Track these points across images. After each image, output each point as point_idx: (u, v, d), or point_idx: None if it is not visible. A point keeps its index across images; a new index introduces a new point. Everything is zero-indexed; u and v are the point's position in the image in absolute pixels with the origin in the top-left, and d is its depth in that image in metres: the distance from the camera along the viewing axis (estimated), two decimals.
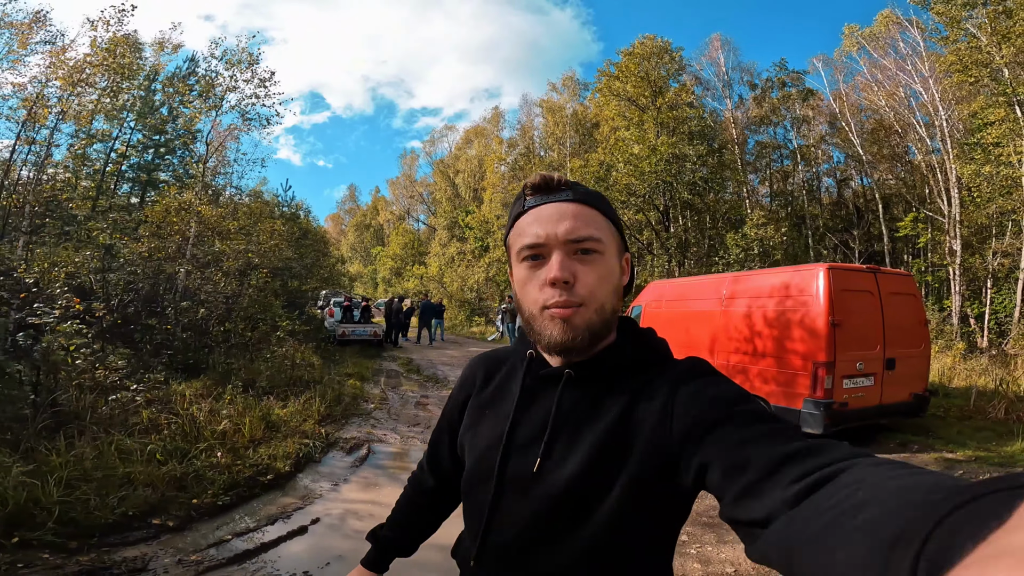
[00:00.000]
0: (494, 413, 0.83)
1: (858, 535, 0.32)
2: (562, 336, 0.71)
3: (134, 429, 3.65)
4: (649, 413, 0.69)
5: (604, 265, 0.74)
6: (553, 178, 0.76)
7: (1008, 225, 15.80)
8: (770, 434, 0.55)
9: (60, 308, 4.75)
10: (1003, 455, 5.78)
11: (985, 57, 15.70)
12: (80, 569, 2.50)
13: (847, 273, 5.96)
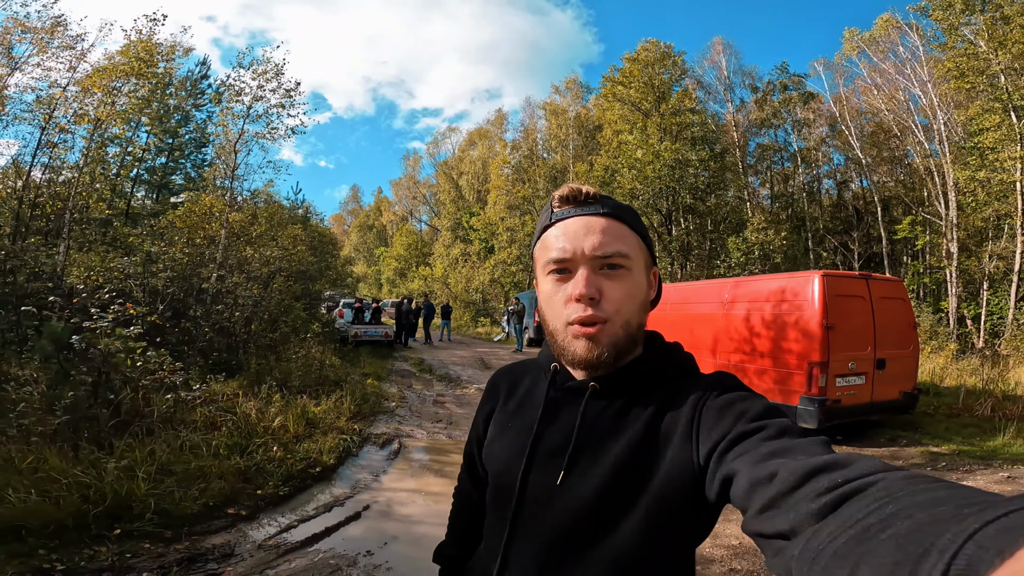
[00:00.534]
0: (518, 425, 0.82)
1: (885, 549, 0.32)
2: (587, 354, 0.71)
3: (194, 427, 4.06)
4: (675, 427, 0.69)
5: (631, 281, 0.74)
6: (582, 190, 0.75)
7: (1004, 228, 16.13)
8: (797, 447, 0.54)
9: (112, 313, 5.18)
10: (985, 449, 6.18)
11: (982, 64, 15.98)
12: (180, 557, 2.80)
13: (840, 279, 6.38)
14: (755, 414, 0.62)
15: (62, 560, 2.52)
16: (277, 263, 8.30)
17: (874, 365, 6.26)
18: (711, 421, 0.65)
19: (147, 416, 3.98)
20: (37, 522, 2.64)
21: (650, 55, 20.32)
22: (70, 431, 3.41)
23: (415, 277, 36.83)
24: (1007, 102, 15.32)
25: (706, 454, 0.63)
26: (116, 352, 4.62)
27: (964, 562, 0.26)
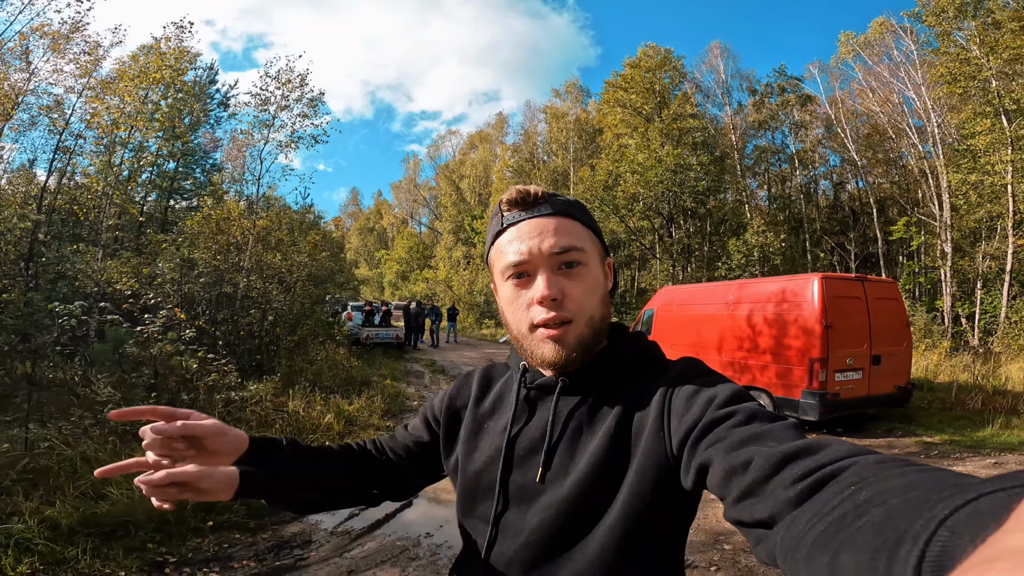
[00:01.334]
0: (492, 427, 0.82)
1: (862, 536, 0.32)
2: (555, 356, 0.72)
3: (248, 425, 4.43)
4: (646, 416, 0.69)
5: (589, 276, 0.74)
6: (529, 192, 0.75)
7: (997, 229, 16.47)
8: (769, 433, 0.54)
9: (161, 318, 5.54)
10: (974, 439, 6.59)
11: (973, 69, 16.38)
12: (268, 545, 3.09)
13: (837, 281, 6.80)
14: (724, 399, 0.62)
15: (171, 552, 2.84)
16: (303, 270, 8.68)
17: (870, 361, 6.66)
18: (681, 409, 0.65)
19: (209, 415, 4.33)
20: (142, 517, 2.96)
21: (651, 61, 20.79)
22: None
23: (418, 280, 37.21)
24: (998, 106, 15.70)
25: (679, 443, 0.63)
26: (171, 355, 4.98)
27: (938, 548, 0.26)
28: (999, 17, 15.87)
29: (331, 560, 2.92)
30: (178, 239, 7.64)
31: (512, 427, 0.78)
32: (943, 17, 17.38)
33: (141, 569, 2.59)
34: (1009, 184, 15.33)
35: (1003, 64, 15.69)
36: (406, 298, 30.10)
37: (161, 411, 0.71)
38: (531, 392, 0.79)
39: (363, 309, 17.14)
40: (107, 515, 2.86)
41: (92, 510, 2.86)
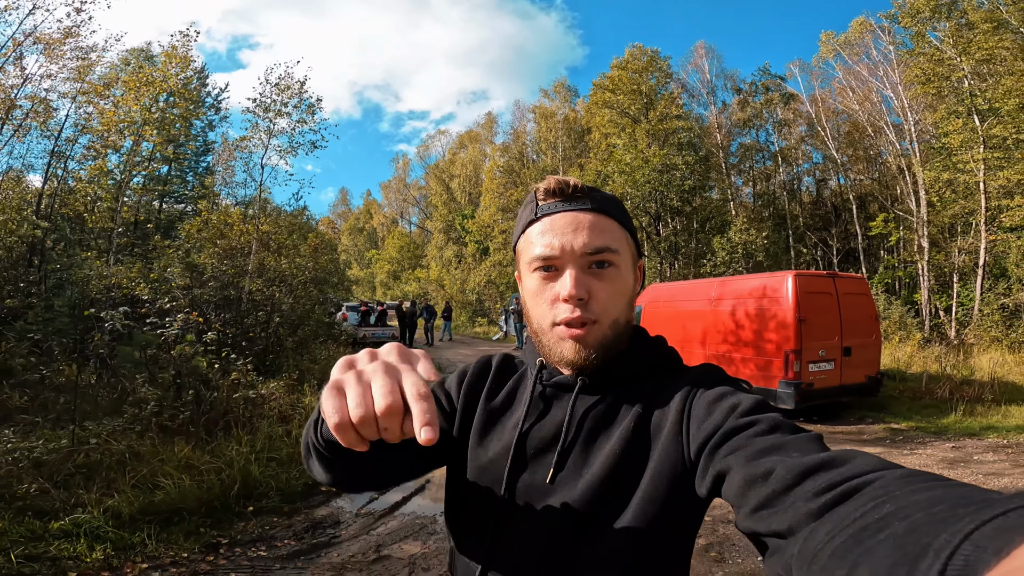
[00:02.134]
0: (503, 422, 0.80)
1: (883, 549, 0.32)
2: (574, 356, 0.70)
3: (270, 420, 4.79)
4: (664, 421, 0.68)
5: (619, 278, 0.72)
6: (569, 183, 0.72)
7: (972, 224, 17.09)
8: (791, 444, 0.53)
9: (179, 321, 5.88)
10: (939, 425, 7.10)
11: (947, 69, 16.94)
12: (304, 526, 3.40)
13: (810, 278, 7.30)
14: (746, 408, 0.61)
15: (223, 535, 3.16)
16: (305, 273, 9.01)
17: (841, 352, 7.17)
18: (701, 415, 0.64)
19: (232, 412, 4.70)
20: (192, 504, 3.30)
21: (638, 63, 21.27)
22: (188, 426, 4.13)
23: (410, 279, 37.49)
24: (970, 106, 16.24)
25: (697, 449, 0.62)
26: (192, 356, 5.32)
27: (961, 562, 0.26)
28: (972, 18, 16.36)
29: (360, 537, 3.30)
30: (185, 244, 7.93)
31: (524, 423, 0.75)
32: (918, 18, 17.88)
33: (199, 550, 2.93)
34: (981, 181, 15.88)
35: (976, 64, 16.24)
36: (398, 298, 30.40)
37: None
38: (547, 389, 0.77)
39: (358, 309, 17.51)
40: (162, 503, 3.21)
41: (149, 499, 3.21)
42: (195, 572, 2.63)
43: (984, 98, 15.91)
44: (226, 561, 2.77)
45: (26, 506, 2.94)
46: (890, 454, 5.69)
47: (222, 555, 2.81)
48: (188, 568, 2.66)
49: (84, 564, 2.58)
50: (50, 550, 2.60)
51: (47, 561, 2.55)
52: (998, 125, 14.89)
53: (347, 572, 2.70)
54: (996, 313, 14.27)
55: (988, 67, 16.09)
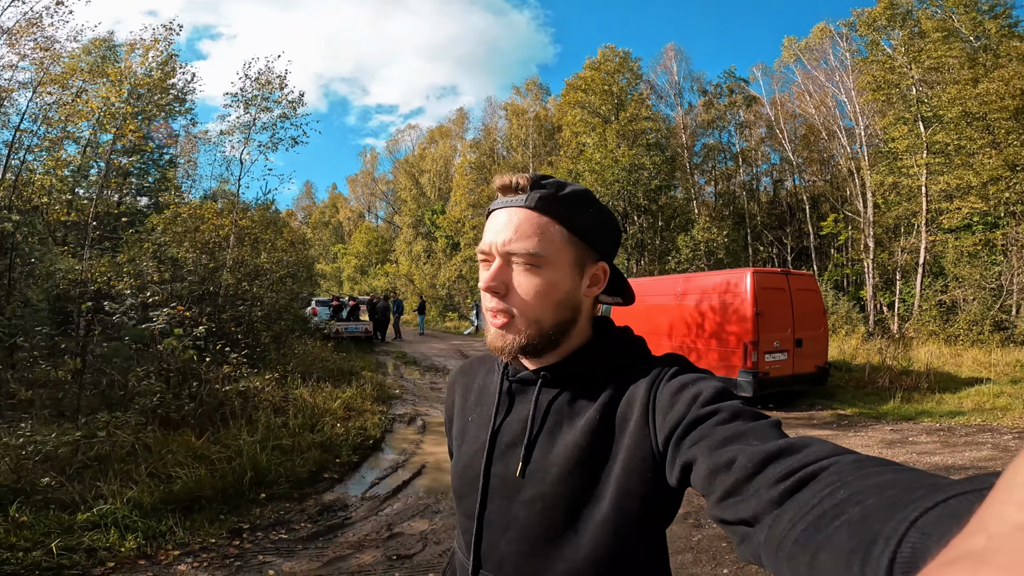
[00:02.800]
0: (477, 420, 0.82)
1: (839, 536, 0.34)
2: (495, 341, 0.73)
3: (267, 412, 4.96)
4: (630, 411, 0.69)
5: (543, 278, 0.71)
6: (511, 180, 0.72)
7: (914, 226, 18.21)
8: (752, 431, 0.55)
9: (165, 315, 5.95)
10: (879, 411, 7.80)
11: (897, 77, 17.96)
12: (316, 510, 3.58)
13: (766, 275, 7.89)
14: (707, 397, 0.62)
15: (244, 520, 3.34)
16: (284, 268, 9.07)
17: (794, 344, 7.79)
18: (666, 405, 0.65)
19: (227, 404, 4.86)
20: (209, 492, 3.47)
21: (610, 63, 21.80)
22: (189, 418, 4.28)
23: (378, 274, 37.23)
24: (916, 113, 17.29)
25: (664, 440, 0.63)
26: (181, 350, 5.42)
27: (908, 550, 0.27)
28: (925, 27, 17.37)
29: (371, 518, 3.55)
30: (160, 237, 7.90)
31: (495, 419, 0.78)
32: (875, 26, 18.86)
33: (225, 536, 3.12)
34: (923, 185, 16.95)
35: (924, 72, 17.25)
36: (367, 292, 30.22)
37: None
38: (512, 384, 0.79)
39: (329, 304, 17.46)
40: (181, 492, 3.38)
41: (168, 489, 3.37)
42: (225, 556, 2.83)
43: (929, 105, 16.89)
44: (251, 545, 2.97)
45: (47, 499, 3.08)
46: (837, 437, 6.29)
47: (246, 539, 3.01)
48: (218, 553, 2.85)
49: (120, 554, 2.73)
50: (84, 541, 2.75)
51: (83, 552, 2.69)
52: (941, 132, 15.88)
53: (366, 549, 2.96)
54: (934, 309, 15.42)
55: (936, 75, 17.08)
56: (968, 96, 14.26)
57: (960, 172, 15.08)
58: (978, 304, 14.09)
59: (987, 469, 4.76)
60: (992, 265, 14.78)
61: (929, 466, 4.96)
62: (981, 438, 5.91)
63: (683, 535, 3.36)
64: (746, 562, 0.49)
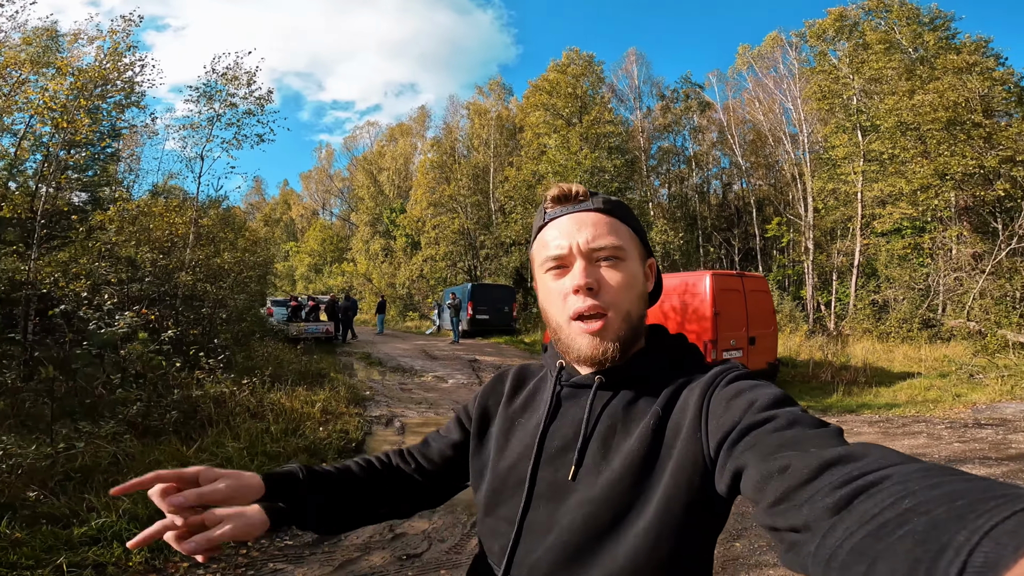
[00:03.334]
0: (524, 423, 0.82)
1: (903, 546, 0.32)
2: (591, 349, 0.72)
3: (242, 416, 4.90)
4: (683, 418, 0.68)
5: (627, 270, 0.75)
6: (572, 189, 0.77)
7: (849, 229, 19.31)
8: (809, 438, 0.53)
9: (127, 318, 5.75)
10: (824, 404, 8.43)
11: (840, 87, 18.86)
12: None
13: (724, 277, 8.41)
14: (764, 404, 0.61)
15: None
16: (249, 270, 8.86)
17: (747, 341, 8.32)
18: (719, 411, 0.64)
19: (202, 410, 4.79)
20: None
21: (575, 67, 22.21)
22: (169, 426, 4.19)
23: (334, 273, 36.42)
24: (856, 122, 18.32)
25: (715, 446, 0.62)
26: (145, 354, 5.27)
27: (981, 559, 0.26)
28: (869, 39, 18.28)
29: None
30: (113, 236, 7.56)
31: (544, 423, 0.77)
32: (824, 37, 19.80)
33: (231, 545, 3.06)
34: (859, 191, 18.05)
35: (865, 83, 18.21)
36: (325, 291, 29.53)
37: (166, 475, 0.68)
38: (565, 389, 0.79)
39: (287, 304, 17.02)
40: None
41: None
42: (236, 566, 2.82)
43: (868, 115, 17.93)
44: (259, 553, 2.97)
45: (36, 514, 3.00)
46: None
47: (253, 547, 2.99)
48: (228, 563, 2.83)
49: (129, 568, 2.69)
50: (89, 557, 2.69)
51: (91, 568, 2.64)
52: (877, 140, 16.82)
53: (373, 550, 3.02)
54: (867, 308, 16.59)
55: (876, 86, 18.07)
56: (904, 107, 15.26)
57: (893, 180, 16.15)
58: (907, 303, 15.28)
59: (926, 455, 5.31)
60: (920, 267, 16.05)
61: None
62: (916, 428, 6.52)
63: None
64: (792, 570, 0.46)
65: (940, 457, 5.11)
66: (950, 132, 14.25)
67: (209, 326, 7.46)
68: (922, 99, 14.49)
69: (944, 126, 14.21)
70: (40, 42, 16.21)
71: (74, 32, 16.90)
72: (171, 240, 8.28)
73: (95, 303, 6.08)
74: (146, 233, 8.15)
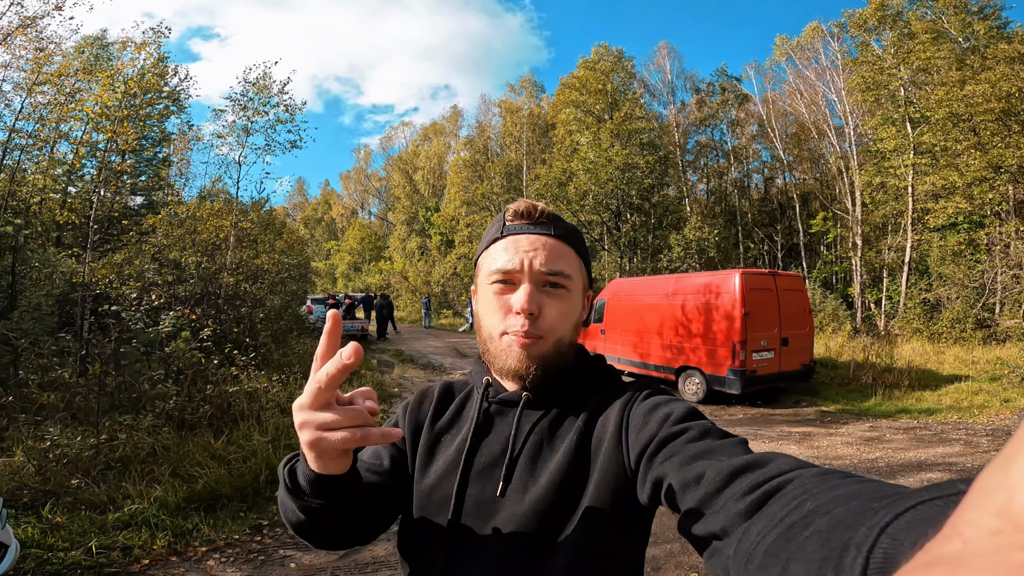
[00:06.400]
0: (450, 441, 0.81)
1: (810, 546, 0.34)
2: (517, 364, 0.74)
3: (274, 412, 5.16)
4: (605, 433, 0.71)
5: (569, 301, 0.77)
6: (536, 208, 0.78)
7: (900, 224, 18.57)
8: (720, 448, 0.57)
9: (172, 318, 6.13)
10: (860, 408, 8.12)
11: (886, 78, 18.18)
12: None
13: (753, 276, 8.17)
14: (678, 416, 0.65)
15: (262, 518, 3.52)
16: (286, 271, 9.26)
17: (780, 342, 8.09)
18: (638, 425, 0.68)
19: (236, 406, 5.06)
20: (228, 491, 3.65)
21: (604, 63, 22.00)
22: (202, 419, 4.48)
23: (372, 271, 37.33)
24: (905, 114, 17.58)
25: (636, 458, 0.66)
26: (188, 352, 5.60)
27: (881, 555, 0.28)
28: (915, 28, 17.62)
29: None
30: (162, 240, 8.05)
31: (471, 440, 0.77)
32: (865, 27, 19.08)
33: (247, 532, 3.32)
34: (910, 185, 17.29)
35: (913, 73, 17.51)
36: (362, 289, 30.34)
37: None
38: (492, 406, 0.80)
39: (325, 302, 17.61)
40: (202, 492, 3.57)
41: (191, 488, 3.56)
42: (249, 551, 3.03)
43: (917, 106, 17.20)
44: (272, 540, 3.18)
45: (77, 500, 3.28)
46: (817, 432, 6.59)
47: (267, 535, 3.22)
48: (242, 548, 3.05)
49: (153, 551, 2.92)
50: (119, 540, 2.94)
51: (119, 551, 2.89)
52: (928, 133, 16.09)
53: (378, 541, 3.16)
54: (918, 307, 15.80)
55: (924, 76, 17.36)
56: (955, 98, 14.51)
57: (945, 173, 15.36)
58: (961, 302, 14.47)
59: (956, 464, 5.06)
60: (975, 264, 15.16)
61: (902, 461, 5.25)
62: (954, 434, 6.22)
63: (672, 525, 3.60)
64: None
65: (971, 466, 4.86)
66: (1004, 123, 13.42)
67: (249, 325, 7.84)
68: (974, 89, 13.69)
69: (998, 117, 13.40)
70: (91, 50, 17.30)
71: (122, 40, 17.92)
72: (215, 243, 8.74)
73: (143, 303, 6.52)
74: (192, 236, 8.64)
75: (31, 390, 4.54)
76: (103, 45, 18.09)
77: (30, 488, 3.32)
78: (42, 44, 10.60)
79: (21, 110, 9.96)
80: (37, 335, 5.94)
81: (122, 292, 6.48)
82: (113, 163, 10.47)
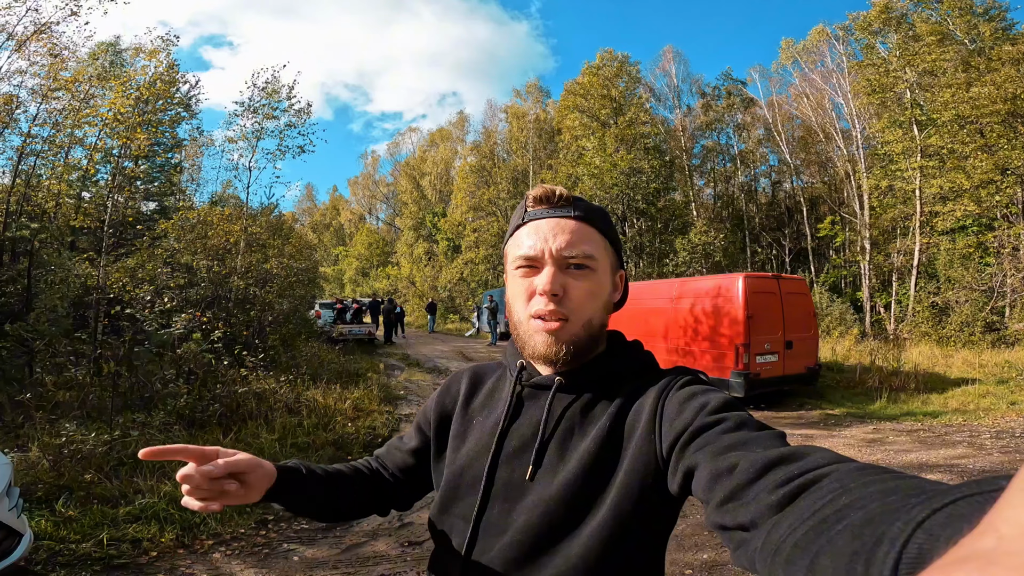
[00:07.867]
0: (482, 423, 0.83)
1: (842, 540, 0.34)
2: (545, 348, 0.74)
3: (281, 412, 5.29)
4: (638, 421, 0.71)
5: (595, 281, 0.77)
6: (555, 192, 0.78)
7: (909, 228, 18.38)
8: (754, 440, 0.56)
9: (183, 320, 6.26)
10: (865, 411, 8.09)
11: (892, 81, 18.15)
12: None
13: (757, 279, 8.19)
14: (714, 407, 0.64)
15: (268, 512, 3.61)
16: (295, 275, 9.42)
17: (784, 346, 8.08)
18: (673, 414, 0.67)
19: (244, 405, 5.18)
20: None
21: (609, 68, 22.11)
22: (212, 418, 4.60)
23: (379, 276, 37.58)
24: (911, 116, 17.53)
25: (668, 447, 0.65)
26: (200, 353, 5.74)
27: (915, 550, 0.27)
28: (920, 30, 17.56)
29: None
30: (174, 244, 8.22)
31: (504, 423, 0.78)
32: (870, 30, 19.09)
33: (253, 526, 3.42)
34: (917, 188, 17.16)
35: (919, 76, 17.43)
36: (368, 295, 30.55)
37: (192, 450, 0.71)
38: (525, 389, 0.81)
39: (333, 307, 17.79)
40: None
41: None
42: (255, 545, 3.12)
43: (923, 109, 17.14)
44: (276, 534, 3.28)
45: (90, 494, 3.39)
46: (819, 435, 6.59)
47: (272, 529, 3.32)
48: (247, 542, 3.15)
49: (161, 544, 3.02)
50: (128, 533, 3.04)
51: (128, 543, 2.99)
52: (935, 135, 16.04)
53: (380, 537, 3.26)
54: (927, 310, 15.68)
55: (930, 79, 17.22)
56: (961, 100, 14.47)
57: (953, 175, 15.29)
58: (970, 306, 14.35)
59: (959, 466, 5.06)
60: (984, 267, 15.04)
61: (903, 464, 5.25)
62: (958, 437, 6.19)
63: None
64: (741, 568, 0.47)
65: (976, 468, 4.86)
66: (1010, 125, 13.36)
67: (258, 327, 7.98)
68: (979, 91, 13.63)
69: (1004, 119, 13.34)
70: (105, 57, 17.64)
71: (135, 46, 18.23)
72: (225, 247, 8.90)
73: (156, 306, 6.68)
74: (203, 241, 8.81)
75: (47, 388, 4.68)
76: (117, 51, 18.47)
77: (45, 483, 3.43)
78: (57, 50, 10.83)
79: (37, 116, 10.21)
80: (53, 336, 6.10)
81: (135, 295, 6.63)
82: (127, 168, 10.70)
